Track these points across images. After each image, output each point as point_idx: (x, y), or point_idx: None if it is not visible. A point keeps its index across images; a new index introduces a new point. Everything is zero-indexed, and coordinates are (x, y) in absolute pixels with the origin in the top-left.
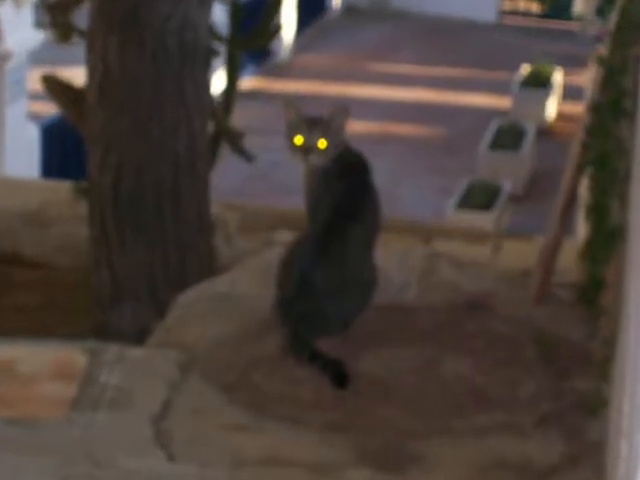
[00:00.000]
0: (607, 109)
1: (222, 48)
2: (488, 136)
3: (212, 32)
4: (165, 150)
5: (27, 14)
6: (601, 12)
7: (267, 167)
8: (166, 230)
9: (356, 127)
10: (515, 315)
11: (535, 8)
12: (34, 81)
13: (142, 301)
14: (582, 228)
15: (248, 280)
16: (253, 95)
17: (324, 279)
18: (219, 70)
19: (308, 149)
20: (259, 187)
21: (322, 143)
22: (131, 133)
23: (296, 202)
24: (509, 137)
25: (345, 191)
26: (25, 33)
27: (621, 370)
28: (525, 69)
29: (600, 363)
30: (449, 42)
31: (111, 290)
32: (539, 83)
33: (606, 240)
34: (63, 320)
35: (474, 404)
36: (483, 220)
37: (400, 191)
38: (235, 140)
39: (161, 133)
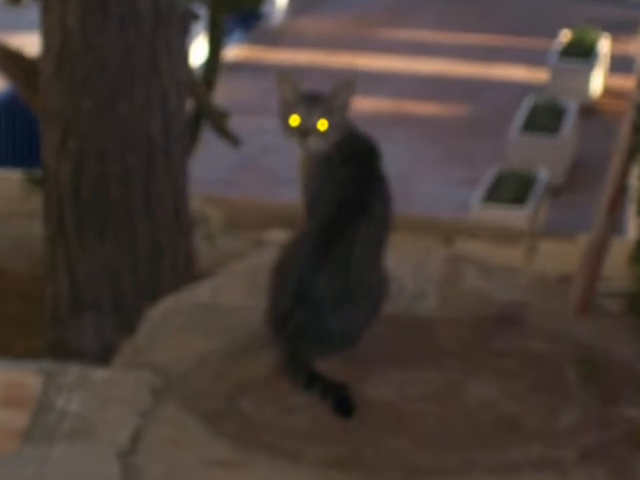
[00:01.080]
0: None
1: (203, 11)
2: (521, 116)
3: None
4: (135, 133)
5: None
6: None
7: (257, 153)
8: (136, 228)
9: (364, 105)
10: (553, 330)
11: None
12: None
13: (107, 313)
14: (633, 225)
15: (234, 288)
16: (240, 67)
17: (325, 287)
18: (199, 37)
19: (306, 131)
20: (247, 177)
21: (323, 124)
22: (94, 112)
23: (291, 195)
24: (546, 117)
25: (350, 182)
26: None
27: None
28: (565, 36)
29: None
30: (475, 4)
31: (70, 299)
32: (581, 53)
33: None
34: (14, 335)
35: (504, 435)
36: (515, 216)
37: (416, 182)
38: (219, 121)
39: (130, 113)
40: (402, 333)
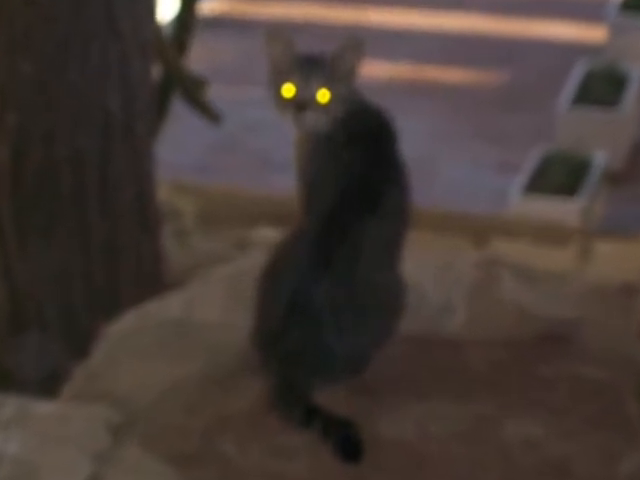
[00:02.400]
0: None
1: None
2: (571, 85)
3: None
4: (89, 106)
5: None
6: None
7: (241, 130)
8: (90, 225)
9: (375, 71)
10: (611, 352)
11: None
12: None
13: (54, 331)
14: None
15: (212, 300)
16: (220, 23)
17: (327, 298)
18: None
19: (303, 104)
20: (229, 160)
21: (323, 95)
22: (38, 81)
23: (284, 183)
24: (603, 86)
25: (357, 167)
26: None
27: None
28: None
29: None
30: None
31: (9, 314)
32: None
33: None
34: None
35: None
36: (564, 210)
37: (441, 166)
38: (193, 90)
39: (83, 81)
40: (423, 355)
